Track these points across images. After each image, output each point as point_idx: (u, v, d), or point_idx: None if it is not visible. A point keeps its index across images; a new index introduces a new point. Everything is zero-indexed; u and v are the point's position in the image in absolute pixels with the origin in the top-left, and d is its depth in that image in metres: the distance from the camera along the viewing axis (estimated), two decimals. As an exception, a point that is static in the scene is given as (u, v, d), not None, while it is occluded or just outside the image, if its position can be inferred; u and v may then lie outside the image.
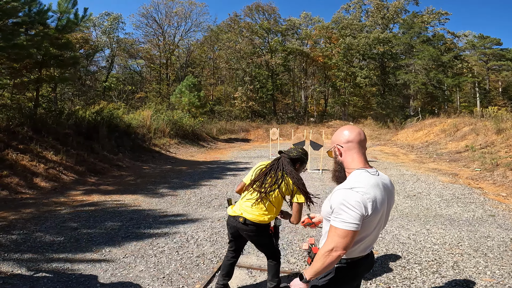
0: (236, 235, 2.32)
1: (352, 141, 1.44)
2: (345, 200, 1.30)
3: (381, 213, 1.39)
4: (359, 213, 1.28)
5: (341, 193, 1.33)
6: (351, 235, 1.29)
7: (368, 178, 1.37)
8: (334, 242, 1.30)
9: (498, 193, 6.33)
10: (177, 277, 2.88)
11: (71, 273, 2.93)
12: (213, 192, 6.24)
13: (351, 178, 1.39)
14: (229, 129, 24.23)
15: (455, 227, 4.25)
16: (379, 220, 1.40)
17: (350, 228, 1.28)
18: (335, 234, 1.31)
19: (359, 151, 1.44)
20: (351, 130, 1.47)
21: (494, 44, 30.75)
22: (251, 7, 31.82)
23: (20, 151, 7.23)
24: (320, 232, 4.04)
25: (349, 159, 1.45)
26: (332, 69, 30.64)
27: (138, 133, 12.97)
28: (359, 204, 1.29)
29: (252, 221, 2.18)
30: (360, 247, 1.43)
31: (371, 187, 1.34)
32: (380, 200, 1.35)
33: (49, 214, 4.70)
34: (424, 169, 9.42)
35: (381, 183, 1.40)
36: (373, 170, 1.43)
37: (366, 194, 1.31)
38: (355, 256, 1.45)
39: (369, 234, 1.40)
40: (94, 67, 28.34)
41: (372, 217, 1.33)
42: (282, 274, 2.94)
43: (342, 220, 1.30)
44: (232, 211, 2.30)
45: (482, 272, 3.00)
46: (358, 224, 1.29)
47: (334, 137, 1.51)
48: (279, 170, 2.20)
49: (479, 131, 12.87)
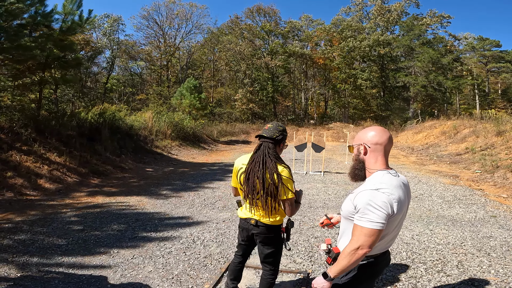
0: (249, 238, 2.21)
1: (381, 144, 1.48)
2: (371, 201, 1.35)
3: (403, 212, 1.45)
4: (385, 213, 1.34)
5: (367, 194, 1.38)
6: (377, 234, 1.35)
7: (391, 179, 1.42)
8: (361, 240, 1.35)
9: (499, 194, 6.39)
10: (185, 277, 2.92)
11: (81, 274, 2.97)
12: (217, 194, 6.28)
13: (375, 179, 1.43)
14: (230, 131, 24.28)
15: (457, 228, 4.30)
16: (400, 219, 1.46)
17: (377, 227, 1.34)
18: (361, 233, 1.36)
19: (384, 154, 1.48)
20: (382, 133, 1.49)
21: (493, 46, 30.92)
22: (252, 9, 32.01)
23: (24, 152, 7.27)
24: (327, 232, 4.08)
25: (372, 160, 1.49)
26: (333, 71, 30.76)
27: (140, 135, 13.02)
28: (385, 204, 1.34)
29: (264, 223, 2.09)
30: (381, 245, 1.48)
31: (395, 188, 1.39)
32: (403, 200, 1.41)
33: (55, 216, 4.73)
34: (425, 171, 9.47)
35: (402, 184, 1.46)
36: (394, 172, 1.48)
37: (391, 195, 1.36)
38: (375, 253, 1.50)
39: (390, 232, 1.46)
40: (95, 69, 28.42)
41: (397, 216, 1.39)
42: (289, 274, 2.99)
43: (369, 219, 1.34)
44: (242, 213, 2.19)
45: (486, 271, 3.05)
46: (384, 224, 1.34)
47: (362, 135, 1.53)
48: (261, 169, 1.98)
49: (479, 133, 12.94)
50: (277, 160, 2.03)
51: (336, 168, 10.01)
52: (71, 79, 11.38)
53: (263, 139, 2.08)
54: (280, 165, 2.01)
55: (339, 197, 6.15)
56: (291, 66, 32.32)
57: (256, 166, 2.00)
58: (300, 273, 2.99)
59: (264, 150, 2.03)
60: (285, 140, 2.16)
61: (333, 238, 3.72)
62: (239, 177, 2.14)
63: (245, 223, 2.16)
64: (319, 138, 9.35)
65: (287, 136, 2.16)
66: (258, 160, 2.02)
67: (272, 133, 2.06)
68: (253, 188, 2.00)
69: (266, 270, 2.21)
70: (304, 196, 6.19)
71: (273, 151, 2.04)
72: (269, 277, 2.20)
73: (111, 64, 29.91)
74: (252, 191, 2.01)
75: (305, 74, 32.99)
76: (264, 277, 2.22)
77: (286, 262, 3.23)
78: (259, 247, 2.19)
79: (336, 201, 5.86)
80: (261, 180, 1.97)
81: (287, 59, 30.72)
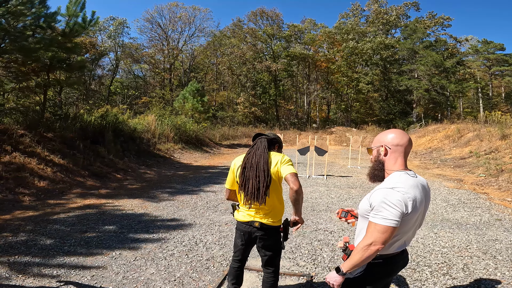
0: (250, 242, 2.19)
1: (402, 146, 1.50)
2: (386, 199, 1.37)
3: (419, 213, 1.45)
4: (399, 210, 1.35)
5: (382, 192, 1.40)
6: (390, 231, 1.35)
7: (408, 179, 1.44)
8: (374, 237, 1.36)
9: (504, 198, 6.31)
10: (188, 280, 2.90)
11: (83, 275, 2.96)
12: (219, 197, 6.27)
13: (392, 179, 1.45)
14: (232, 134, 24.30)
15: (462, 231, 4.25)
16: (417, 219, 1.47)
17: (390, 224, 1.34)
18: (374, 230, 1.37)
19: (404, 155, 1.51)
20: (403, 135, 1.52)
21: (497, 49, 30.84)
22: (255, 12, 32.23)
23: (28, 154, 7.30)
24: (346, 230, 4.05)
25: (392, 161, 1.51)
26: (335, 74, 30.79)
27: (143, 138, 13.05)
28: (400, 202, 1.35)
29: (268, 224, 2.09)
30: (397, 244, 1.48)
31: (411, 188, 1.40)
32: (419, 200, 1.42)
33: (57, 217, 4.74)
34: (428, 175, 9.41)
35: (420, 184, 1.47)
36: (412, 173, 1.49)
37: (406, 194, 1.37)
38: (392, 253, 1.50)
39: (406, 232, 1.46)
40: (99, 71, 28.64)
41: (412, 215, 1.39)
42: (292, 277, 2.96)
43: (383, 216, 1.36)
44: (241, 216, 2.16)
45: (492, 274, 3.00)
46: (398, 221, 1.35)
47: (382, 137, 1.56)
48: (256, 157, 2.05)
49: (483, 137, 12.85)
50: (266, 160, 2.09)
51: (339, 172, 9.96)
52: (75, 81, 11.46)
53: (260, 137, 2.22)
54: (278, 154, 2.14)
55: (342, 201, 6.12)
56: (293, 70, 32.38)
57: (251, 157, 2.09)
58: (303, 276, 2.96)
59: (258, 145, 2.14)
60: (281, 150, 2.29)
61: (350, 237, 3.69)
62: (236, 173, 2.18)
63: (247, 226, 2.13)
64: (322, 142, 9.33)
65: (282, 147, 2.30)
66: (253, 152, 2.11)
67: (269, 135, 2.24)
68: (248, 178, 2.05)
69: (268, 272, 2.19)
70: (307, 200, 6.16)
71: (266, 146, 2.14)
72: (271, 278, 2.19)
73: (115, 67, 30.14)
74: (246, 180, 2.06)
75: (308, 77, 33.04)
76: (266, 280, 2.20)
77: (289, 265, 3.21)
78: (260, 250, 2.17)
79: (339, 204, 5.83)
80: (255, 168, 2.04)
81: (289, 62, 30.79)
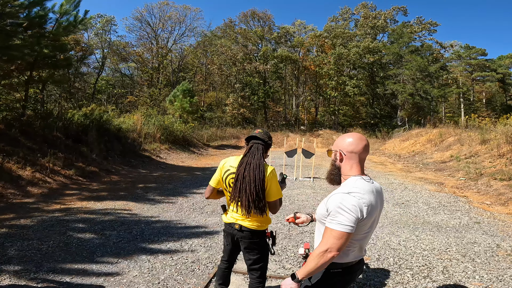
0: (234, 243, 2.19)
1: (356, 153, 1.49)
2: (342, 204, 1.36)
3: (374, 217, 1.46)
4: (354, 216, 1.34)
5: (338, 197, 1.40)
6: (345, 237, 1.34)
7: (363, 184, 1.44)
8: (329, 243, 1.35)
9: (483, 201, 6.54)
10: (172, 282, 2.86)
11: (60, 279, 2.87)
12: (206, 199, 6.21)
13: (348, 184, 1.45)
14: (220, 135, 24.18)
15: (442, 234, 4.37)
16: (372, 224, 1.47)
17: (345, 230, 1.34)
18: (330, 236, 1.36)
19: (359, 162, 1.50)
20: (359, 141, 1.50)
21: (479, 55, 31.96)
22: (246, 13, 32.26)
23: (7, 153, 7.04)
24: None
25: (347, 167, 1.51)
26: (324, 78, 31.18)
27: (128, 137, 12.81)
28: (355, 207, 1.35)
29: (248, 228, 2.06)
30: (354, 251, 1.47)
31: (366, 193, 1.41)
32: (374, 205, 1.42)
33: (35, 219, 4.58)
34: (411, 178, 9.64)
35: (375, 189, 1.47)
36: (368, 178, 1.50)
37: (362, 199, 1.37)
38: (350, 261, 1.49)
39: (362, 238, 1.46)
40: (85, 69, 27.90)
41: (366, 220, 1.40)
42: (278, 279, 2.96)
43: (338, 222, 1.35)
44: (227, 218, 2.16)
45: (471, 276, 3.10)
46: (353, 227, 1.35)
47: (340, 142, 1.54)
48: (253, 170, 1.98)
49: (464, 141, 13.28)
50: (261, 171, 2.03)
51: (325, 175, 10.05)
52: (60, 79, 11.15)
53: (255, 141, 2.10)
54: (268, 166, 2.05)
55: (328, 203, 6.18)
56: (282, 72, 32.54)
57: (247, 168, 2.00)
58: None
59: (255, 153, 2.05)
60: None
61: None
62: (225, 179, 2.13)
63: (230, 228, 2.14)
64: (309, 145, 9.42)
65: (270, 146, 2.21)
66: (249, 161, 2.02)
67: (263, 137, 2.11)
68: (243, 190, 1.99)
69: (253, 278, 2.15)
70: (293, 202, 6.19)
71: (262, 153, 2.07)
72: (256, 285, 2.15)
73: (101, 65, 29.47)
74: (240, 192, 2.00)
75: (297, 80, 33.27)
76: (251, 285, 2.17)
77: (275, 268, 3.21)
78: (244, 253, 2.15)
79: (325, 206, 5.88)
80: (251, 182, 1.97)
81: (278, 64, 30.94)
